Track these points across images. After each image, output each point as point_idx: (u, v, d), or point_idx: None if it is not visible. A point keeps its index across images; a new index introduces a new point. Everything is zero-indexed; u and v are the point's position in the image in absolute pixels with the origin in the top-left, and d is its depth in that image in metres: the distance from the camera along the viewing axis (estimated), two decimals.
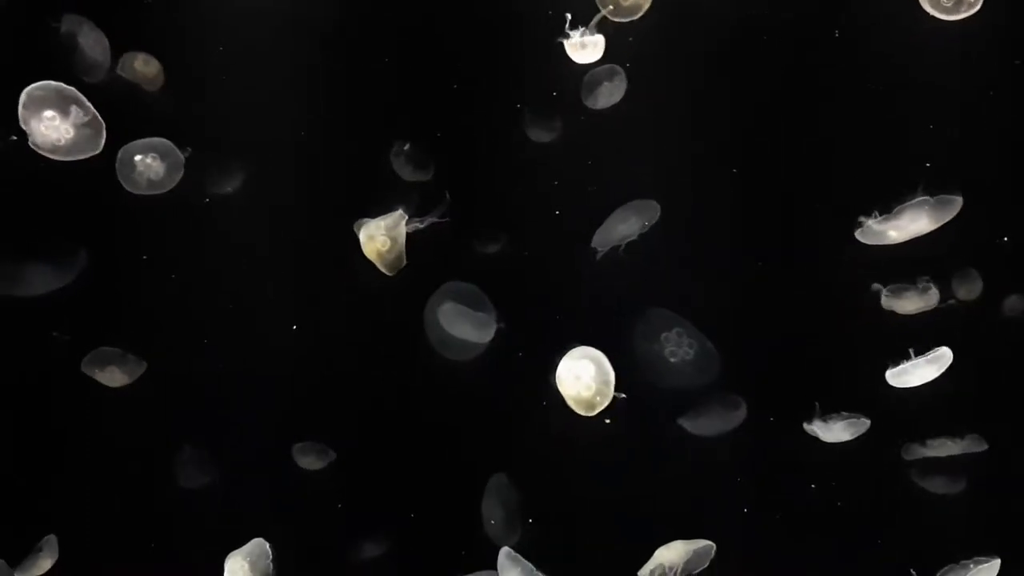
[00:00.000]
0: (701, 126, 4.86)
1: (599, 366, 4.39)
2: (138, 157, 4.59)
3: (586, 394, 4.39)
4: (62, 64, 4.58)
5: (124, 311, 4.93)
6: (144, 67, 4.75)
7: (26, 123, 4.34)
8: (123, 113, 4.56)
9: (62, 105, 4.35)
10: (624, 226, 4.91)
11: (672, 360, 4.79)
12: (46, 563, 4.67)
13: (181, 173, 4.64)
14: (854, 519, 4.94)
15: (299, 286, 5.00)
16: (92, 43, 4.65)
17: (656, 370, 4.82)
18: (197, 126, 4.78)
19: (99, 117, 4.36)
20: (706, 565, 4.51)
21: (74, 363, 4.88)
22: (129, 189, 4.63)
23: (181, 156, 4.62)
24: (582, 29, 4.55)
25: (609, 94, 4.80)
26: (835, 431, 4.76)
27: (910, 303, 4.69)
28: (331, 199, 4.96)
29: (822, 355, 4.87)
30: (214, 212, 4.90)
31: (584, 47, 4.59)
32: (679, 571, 4.47)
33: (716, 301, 4.89)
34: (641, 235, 4.88)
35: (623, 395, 4.49)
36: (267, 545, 4.32)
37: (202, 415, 4.99)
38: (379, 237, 4.59)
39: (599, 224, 4.95)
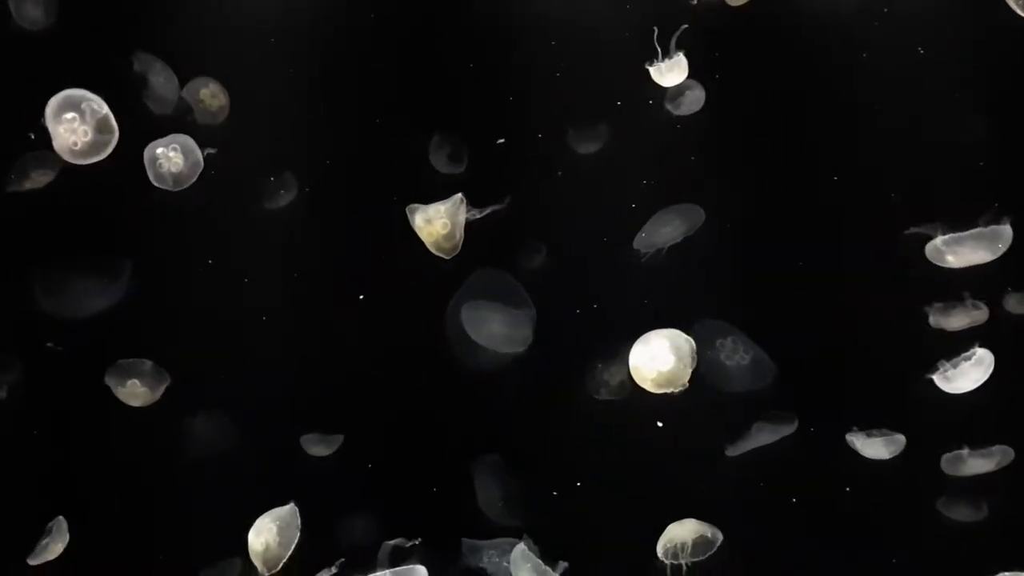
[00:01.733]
0: (752, 131, 4.85)
1: (673, 341, 4.37)
2: (160, 150, 4.59)
3: (666, 370, 4.37)
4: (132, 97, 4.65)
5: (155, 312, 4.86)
6: (211, 99, 4.81)
7: (51, 128, 4.41)
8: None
9: (78, 105, 4.40)
10: (668, 229, 4.86)
11: (728, 364, 4.67)
12: (57, 547, 4.57)
13: (200, 169, 4.62)
14: (882, 532, 4.89)
15: (327, 281, 4.94)
16: (163, 81, 4.74)
17: (713, 375, 4.73)
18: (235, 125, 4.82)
19: (111, 116, 4.41)
20: (712, 551, 4.52)
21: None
22: (152, 180, 4.60)
23: (200, 154, 4.61)
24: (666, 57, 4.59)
25: (693, 101, 4.76)
26: (875, 446, 4.73)
27: (958, 320, 4.70)
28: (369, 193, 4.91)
29: (861, 366, 4.82)
30: (248, 210, 4.88)
31: (669, 71, 4.62)
32: (688, 550, 4.46)
33: (760, 309, 4.79)
34: (686, 239, 4.82)
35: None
36: (298, 513, 4.29)
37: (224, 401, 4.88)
38: (438, 221, 4.54)
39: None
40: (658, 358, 4.41)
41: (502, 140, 4.86)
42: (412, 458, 4.97)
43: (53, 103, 4.40)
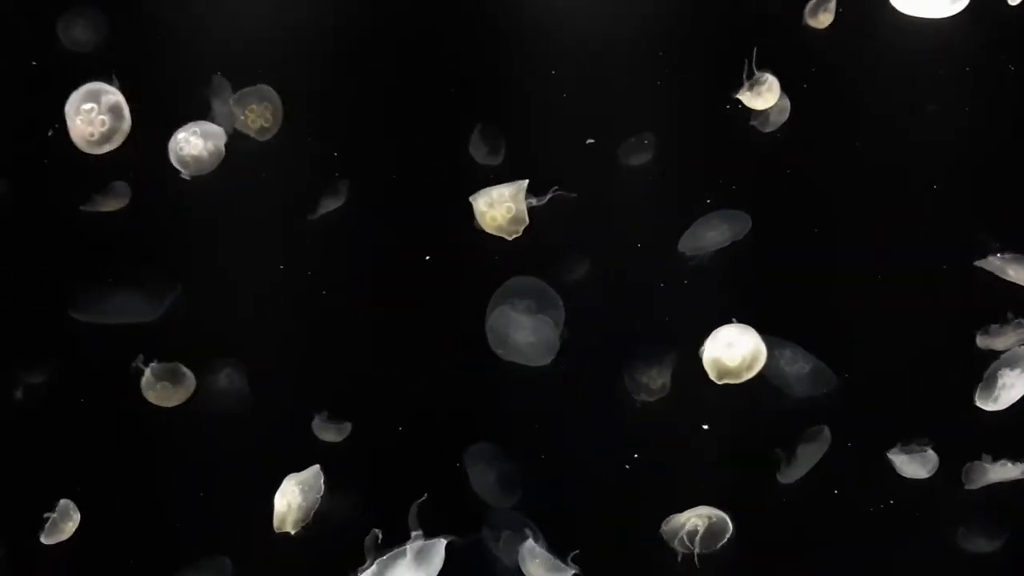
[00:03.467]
0: (805, 142, 4.81)
1: (755, 340, 4.37)
2: (182, 134, 4.57)
3: (731, 364, 4.38)
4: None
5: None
6: (253, 118, 4.76)
7: (70, 121, 4.43)
8: None
9: (96, 95, 4.42)
10: (714, 233, 4.80)
11: (788, 370, 4.60)
12: (69, 527, 4.53)
13: (222, 156, 4.59)
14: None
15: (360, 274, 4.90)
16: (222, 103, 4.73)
17: (775, 381, 4.67)
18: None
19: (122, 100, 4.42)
20: (723, 542, 4.49)
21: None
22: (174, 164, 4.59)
23: (223, 143, 4.59)
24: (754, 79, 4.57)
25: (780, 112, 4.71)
26: (914, 465, 4.67)
27: (1005, 340, 4.68)
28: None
29: (905, 383, 4.78)
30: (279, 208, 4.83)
31: (760, 95, 4.57)
32: (700, 535, 4.45)
33: (803, 322, 4.73)
34: (733, 243, 4.76)
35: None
36: (323, 476, 4.35)
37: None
38: (502, 205, 4.47)
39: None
40: (734, 347, 4.39)
41: (591, 140, 4.79)
42: (433, 456, 4.88)
43: (76, 96, 4.40)
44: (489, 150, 4.84)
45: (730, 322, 4.45)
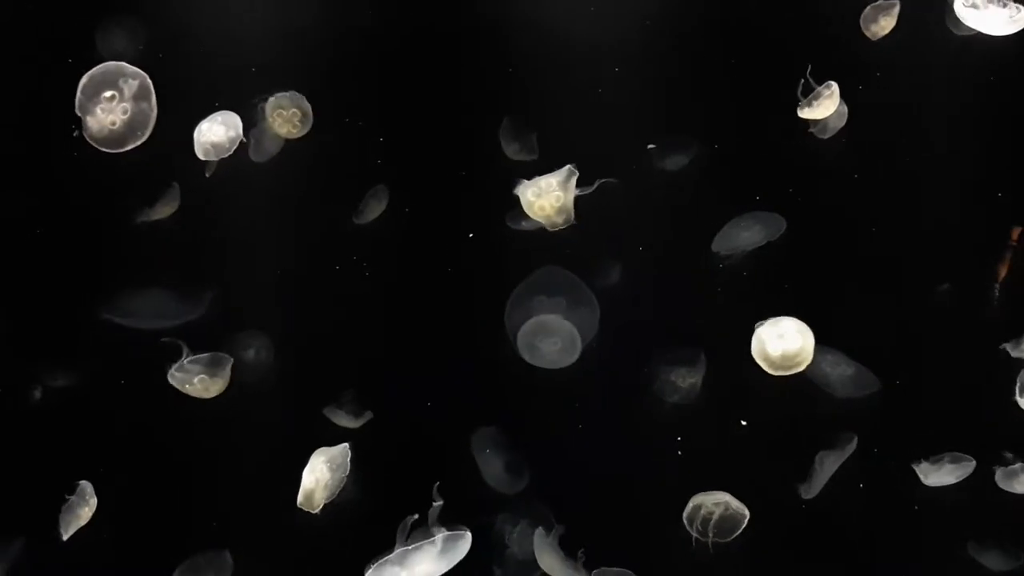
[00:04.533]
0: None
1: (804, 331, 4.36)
2: (205, 124, 4.55)
3: (776, 355, 4.37)
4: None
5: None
6: (281, 122, 4.75)
7: (83, 111, 4.33)
8: None
9: (118, 82, 4.33)
10: (748, 234, 4.78)
11: (831, 371, 4.59)
12: (86, 512, 4.49)
13: (238, 143, 4.55)
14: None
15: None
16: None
17: (818, 384, 4.65)
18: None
19: (149, 82, 4.34)
20: (737, 533, 4.49)
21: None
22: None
23: (242, 128, 4.55)
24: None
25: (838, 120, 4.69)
26: (940, 474, 4.65)
27: None
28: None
29: (933, 393, 4.75)
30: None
31: (817, 106, 4.56)
32: (713, 522, 4.46)
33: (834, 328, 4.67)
34: (769, 244, 4.76)
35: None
36: (350, 455, 4.32)
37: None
38: (551, 194, 4.44)
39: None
40: (786, 338, 4.35)
41: (652, 146, 4.77)
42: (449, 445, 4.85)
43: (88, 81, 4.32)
44: (521, 147, 4.84)
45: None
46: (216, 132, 4.52)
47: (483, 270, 4.84)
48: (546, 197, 4.41)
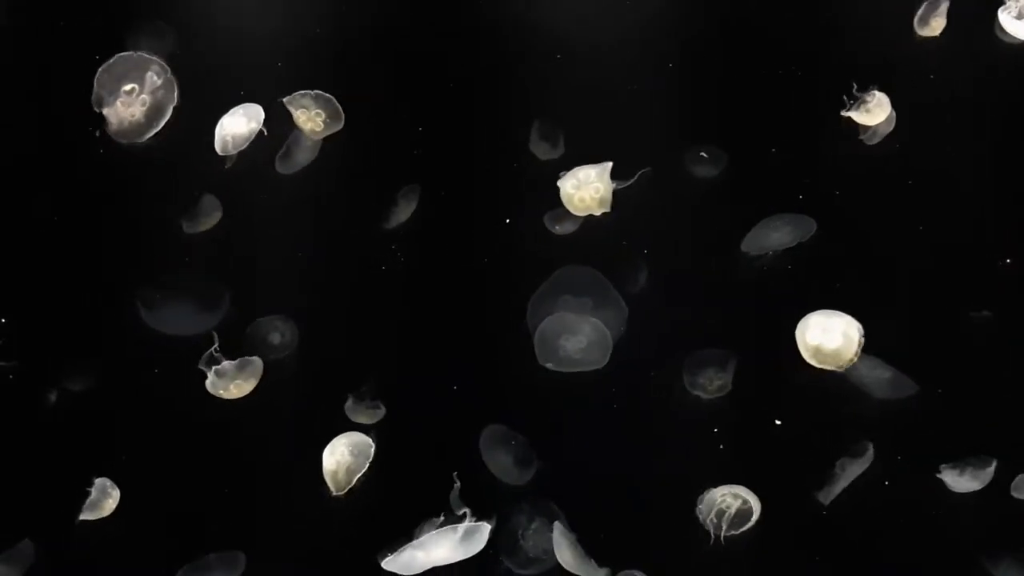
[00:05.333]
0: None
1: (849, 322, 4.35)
2: (227, 118, 4.55)
3: (830, 346, 4.35)
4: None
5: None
6: (305, 120, 4.71)
7: (101, 105, 4.33)
8: None
9: (139, 74, 4.33)
10: (778, 234, 4.75)
11: (868, 374, 4.58)
12: (110, 504, 4.54)
13: (255, 134, 4.55)
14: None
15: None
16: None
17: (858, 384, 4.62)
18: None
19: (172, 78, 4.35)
20: (748, 525, 4.48)
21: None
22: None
23: (261, 121, 4.55)
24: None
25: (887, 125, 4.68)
26: (964, 480, 4.64)
27: None
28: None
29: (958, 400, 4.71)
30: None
31: (870, 111, 4.56)
32: (731, 514, 4.45)
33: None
34: (800, 244, 4.71)
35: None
36: (372, 446, 4.40)
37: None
38: (590, 185, 4.47)
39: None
40: (830, 332, 4.35)
41: (704, 153, 4.77)
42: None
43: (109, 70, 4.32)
44: (550, 145, 4.82)
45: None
46: (237, 123, 4.52)
47: (510, 269, 4.83)
48: (585, 189, 4.45)
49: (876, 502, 4.70)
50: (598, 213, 4.46)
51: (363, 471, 4.39)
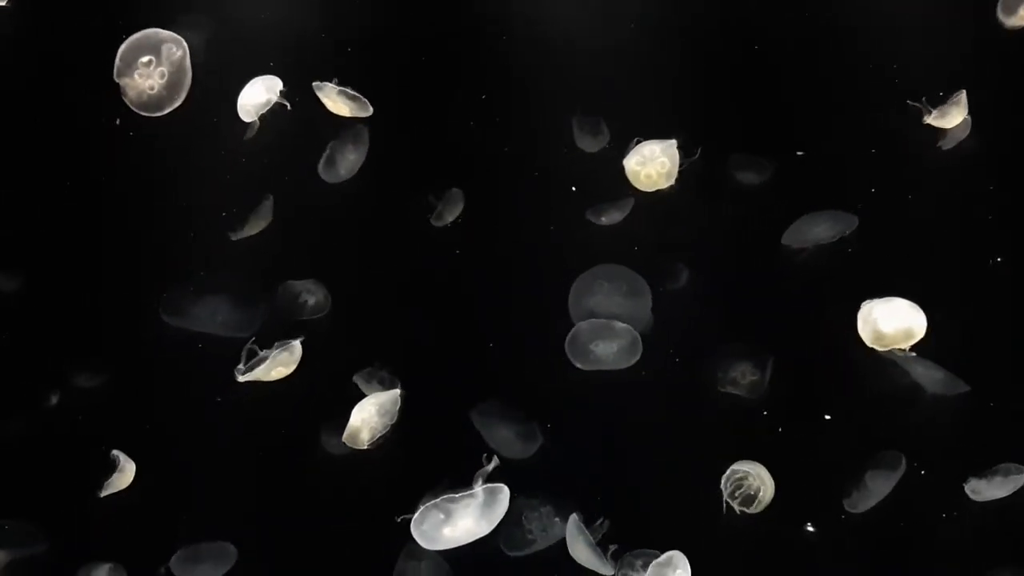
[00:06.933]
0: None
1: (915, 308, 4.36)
2: (247, 89, 4.58)
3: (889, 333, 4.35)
4: None
5: None
6: (332, 103, 4.71)
7: (122, 76, 4.36)
8: None
9: (156, 47, 4.37)
10: (819, 228, 4.70)
11: (920, 371, 4.52)
12: (127, 478, 4.53)
13: (272, 102, 4.57)
14: None
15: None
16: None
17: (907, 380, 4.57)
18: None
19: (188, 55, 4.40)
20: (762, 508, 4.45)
21: None
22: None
23: (279, 92, 4.56)
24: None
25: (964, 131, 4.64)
26: (991, 489, 4.56)
27: None
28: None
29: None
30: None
31: (945, 115, 4.53)
32: (753, 489, 4.44)
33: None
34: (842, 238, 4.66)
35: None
36: (399, 400, 4.44)
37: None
38: (655, 160, 4.45)
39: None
40: (898, 315, 4.35)
41: (801, 152, 4.72)
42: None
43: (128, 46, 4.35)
44: (593, 137, 4.78)
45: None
46: (256, 92, 4.53)
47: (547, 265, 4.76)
48: (651, 165, 4.44)
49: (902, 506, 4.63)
50: (665, 187, 4.44)
51: (384, 431, 4.41)
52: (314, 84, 4.59)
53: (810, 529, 4.60)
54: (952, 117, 4.53)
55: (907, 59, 4.63)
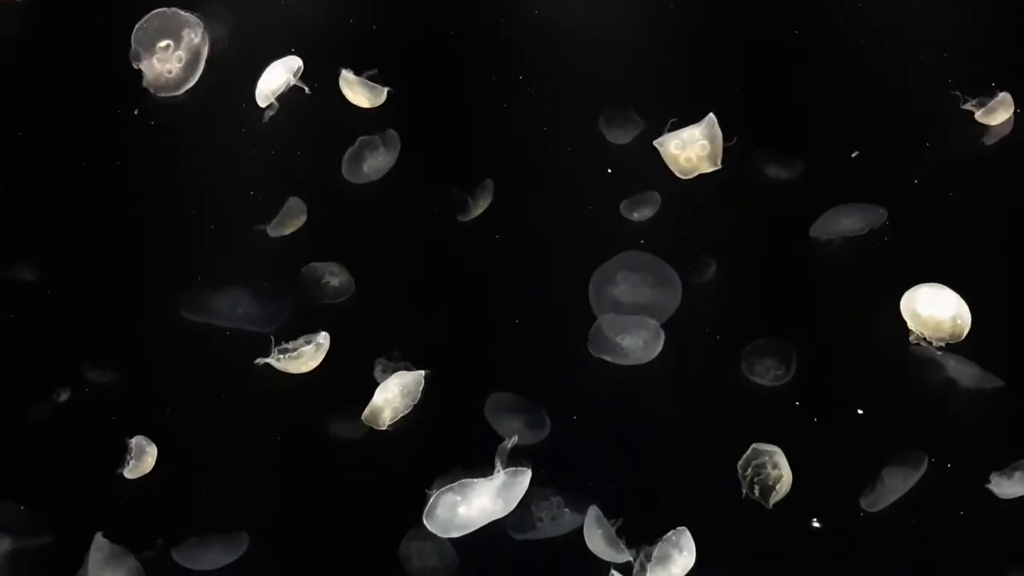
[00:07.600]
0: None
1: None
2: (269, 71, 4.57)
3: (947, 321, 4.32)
4: None
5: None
6: (352, 95, 4.70)
7: (139, 60, 4.36)
8: None
9: (175, 32, 4.36)
10: (848, 220, 4.67)
11: (954, 365, 4.49)
12: (149, 461, 4.51)
13: (289, 84, 4.55)
14: None
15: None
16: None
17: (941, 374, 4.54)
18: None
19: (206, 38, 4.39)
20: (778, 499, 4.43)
21: None
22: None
23: (294, 73, 4.54)
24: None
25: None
26: (1013, 486, 4.52)
27: None
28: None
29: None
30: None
31: (993, 111, 4.54)
32: (771, 471, 4.42)
33: None
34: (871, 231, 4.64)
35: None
36: (423, 383, 4.44)
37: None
38: (695, 144, 4.41)
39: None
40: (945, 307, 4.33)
41: (856, 153, 4.70)
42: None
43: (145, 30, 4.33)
44: (623, 129, 4.76)
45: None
46: (275, 75, 4.51)
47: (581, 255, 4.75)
48: (691, 148, 4.39)
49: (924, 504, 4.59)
50: (708, 170, 4.40)
51: (406, 411, 4.40)
52: (342, 72, 4.58)
53: (816, 525, 4.56)
54: (998, 114, 4.54)
55: (950, 52, 4.64)
